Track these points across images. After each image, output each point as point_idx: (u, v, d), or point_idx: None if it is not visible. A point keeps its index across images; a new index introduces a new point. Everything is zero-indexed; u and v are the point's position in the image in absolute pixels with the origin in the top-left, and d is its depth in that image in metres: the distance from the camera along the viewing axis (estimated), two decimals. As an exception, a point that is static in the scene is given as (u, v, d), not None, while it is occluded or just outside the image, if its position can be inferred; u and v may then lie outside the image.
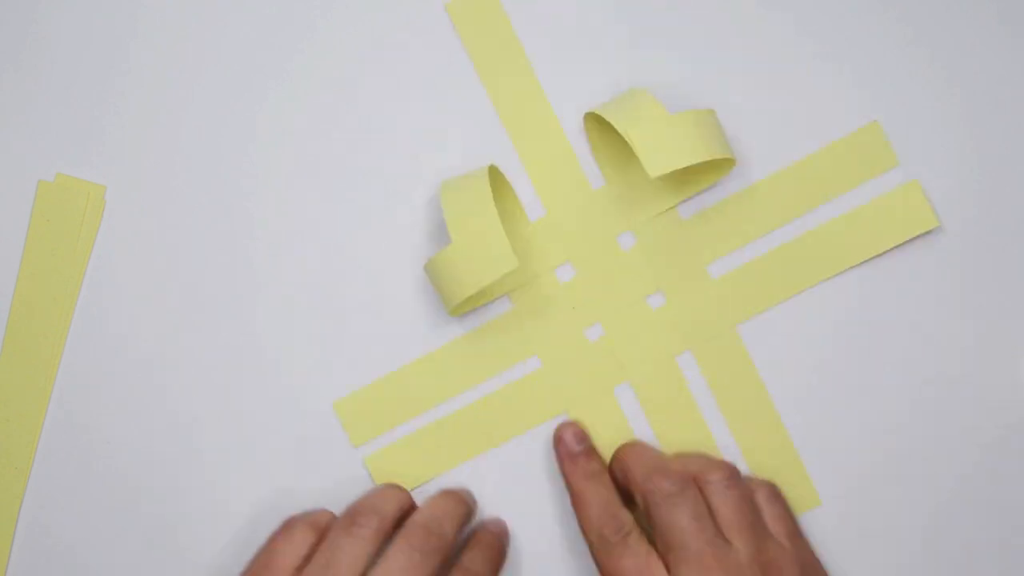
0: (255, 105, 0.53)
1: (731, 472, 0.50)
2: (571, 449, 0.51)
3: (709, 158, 0.49)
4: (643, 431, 0.53)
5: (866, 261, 0.52)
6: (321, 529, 0.48)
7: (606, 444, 0.53)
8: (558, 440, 0.52)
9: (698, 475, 0.50)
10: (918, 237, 0.52)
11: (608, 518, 0.49)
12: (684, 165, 0.48)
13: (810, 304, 0.53)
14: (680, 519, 0.48)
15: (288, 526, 0.48)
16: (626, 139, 0.49)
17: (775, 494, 0.50)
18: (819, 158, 0.53)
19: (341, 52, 0.54)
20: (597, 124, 0.53)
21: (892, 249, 0.52)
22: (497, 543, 0.51)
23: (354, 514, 0.48)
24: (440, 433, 0.53)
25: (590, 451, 0.52)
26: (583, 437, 0.52)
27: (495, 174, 0.52)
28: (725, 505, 0.49)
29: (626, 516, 0.49)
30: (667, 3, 0.53)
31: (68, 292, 0.53)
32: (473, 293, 0.49)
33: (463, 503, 0.50)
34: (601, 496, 0.50)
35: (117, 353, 0.53)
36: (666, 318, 0.53)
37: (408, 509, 0.50)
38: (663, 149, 0.48)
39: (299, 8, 0.54)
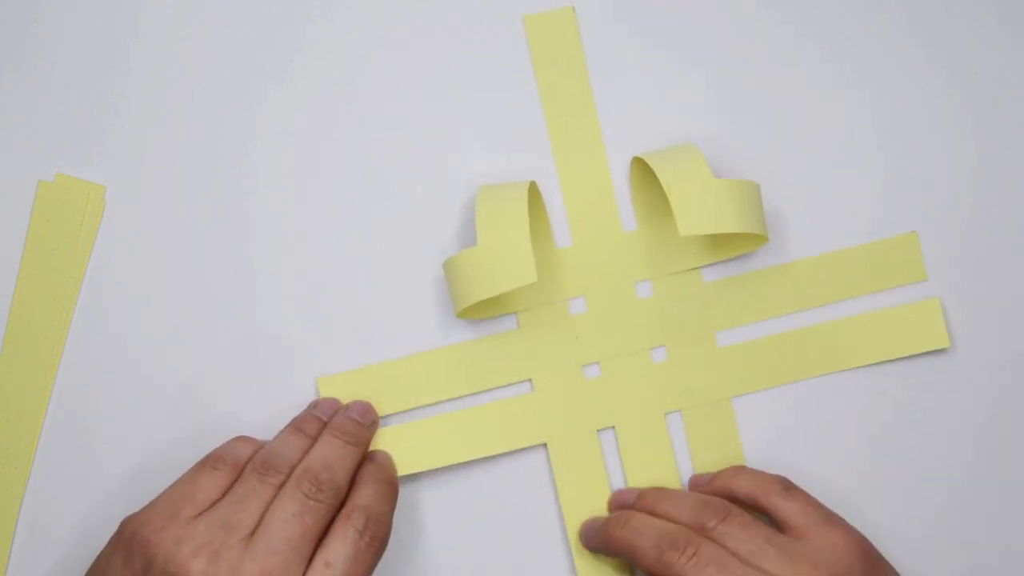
0: (255, 105, 0.53)
1: (722, 509, 0.49)
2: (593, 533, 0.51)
3: (742, 230, 0.49)
4: (617, 478, 0.53)
5: (870, 365, 0.53)
6: (240, 468, 0.49)
7: (579, 486, 0.52)
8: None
9: (695, 526, 0.48)
10: (927, 354, 0.53)
11: (665, 540, 0.48)
12: (716, 231, 0.48)
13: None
14: None
15: (213, 462, 0.49)
16: (666, 192, 0.48)
17: (787, 487, 0.50)
18: (851, 254, 0.53)
19: (340, 52, 0.54)
20: (642, 169, 0.52)
21: (901, 360, 0.53)
22: (388, 475, 0.51)
23: (267, 464, 0.48)
24: (415, 434, 0.52)
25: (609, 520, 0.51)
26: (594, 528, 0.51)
27: (534, 191, 0.52)
28: (738, 542, 0.47)
29: (683, 531, 0.48)
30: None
31: (68, 292, 0.53)
32: (486, 298, 0.49)
33: (354, 450, 0.50)
34: (648, 527, 0.49)
35: (117, 353, 0.53)
36: (665, 374, 0.53)
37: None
38: (700, 211, 0.48)
39: (298, 8, 0.54)
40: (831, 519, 0.49)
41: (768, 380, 0.53)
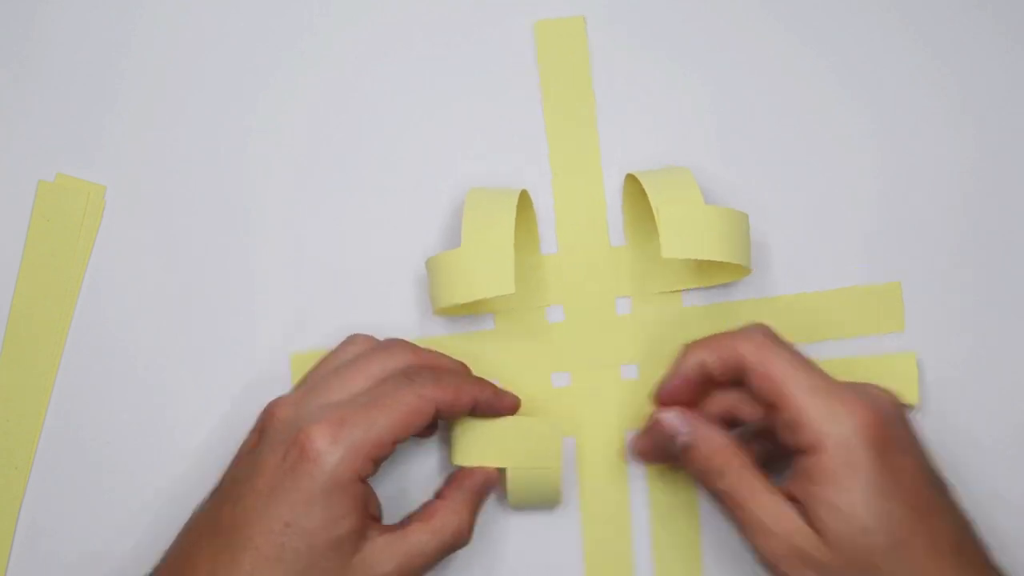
0: (255, 105, 0.53)
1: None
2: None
3: (726, 260, 0.48)
4: (570, 485, 0.52)
5: None
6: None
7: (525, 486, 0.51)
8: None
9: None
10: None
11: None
12: (699, 258, 0.48)
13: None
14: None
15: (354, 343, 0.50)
16: (654, 213, 0.48)
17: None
18: (831, 297, 0.53)
19: (341, 50, 0.54)
20: (635, 187, 0.52)
21: None
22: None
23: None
24: None
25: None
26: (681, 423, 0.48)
27: (524, 199, 0.52)
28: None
29: None
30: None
31: (68, 292, 0.53)
32: (462, 302, 0.49)
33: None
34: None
35: (117, 353, 0.53)
36: (633, 392, 0.52)
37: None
38: (685, 235, 0.48)
39: (298, 8, 0.54)
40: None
41: None
